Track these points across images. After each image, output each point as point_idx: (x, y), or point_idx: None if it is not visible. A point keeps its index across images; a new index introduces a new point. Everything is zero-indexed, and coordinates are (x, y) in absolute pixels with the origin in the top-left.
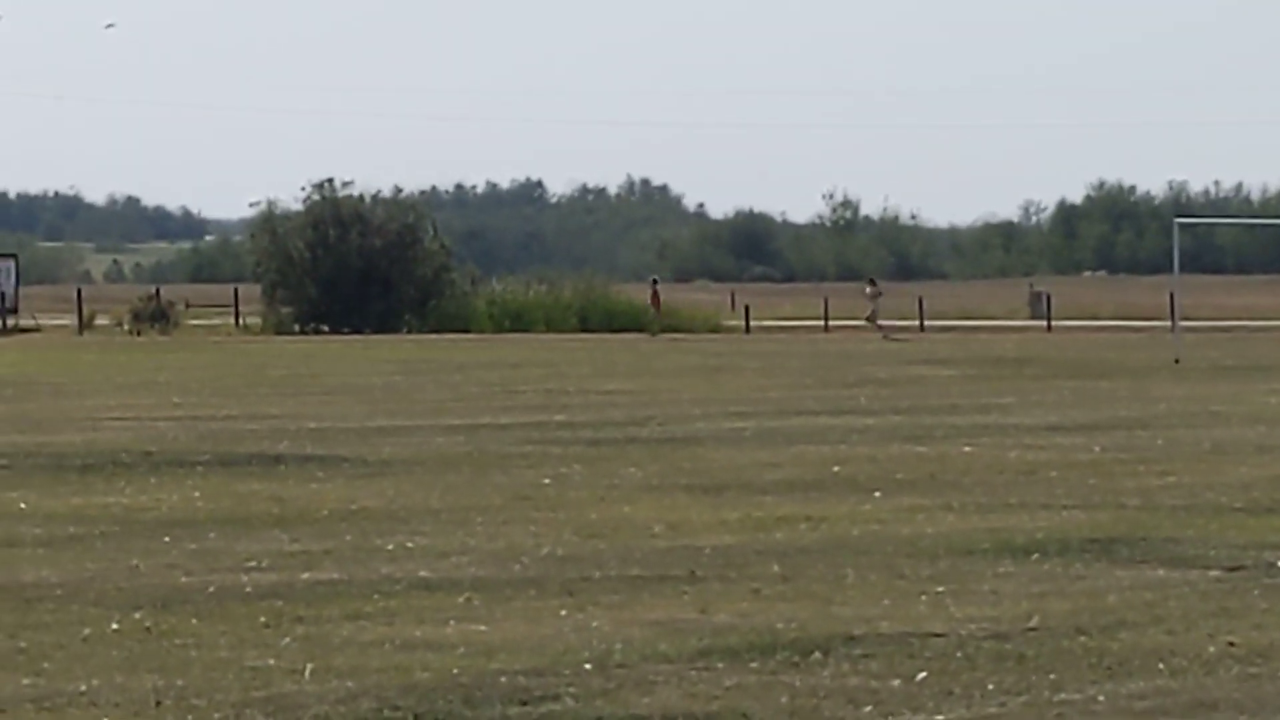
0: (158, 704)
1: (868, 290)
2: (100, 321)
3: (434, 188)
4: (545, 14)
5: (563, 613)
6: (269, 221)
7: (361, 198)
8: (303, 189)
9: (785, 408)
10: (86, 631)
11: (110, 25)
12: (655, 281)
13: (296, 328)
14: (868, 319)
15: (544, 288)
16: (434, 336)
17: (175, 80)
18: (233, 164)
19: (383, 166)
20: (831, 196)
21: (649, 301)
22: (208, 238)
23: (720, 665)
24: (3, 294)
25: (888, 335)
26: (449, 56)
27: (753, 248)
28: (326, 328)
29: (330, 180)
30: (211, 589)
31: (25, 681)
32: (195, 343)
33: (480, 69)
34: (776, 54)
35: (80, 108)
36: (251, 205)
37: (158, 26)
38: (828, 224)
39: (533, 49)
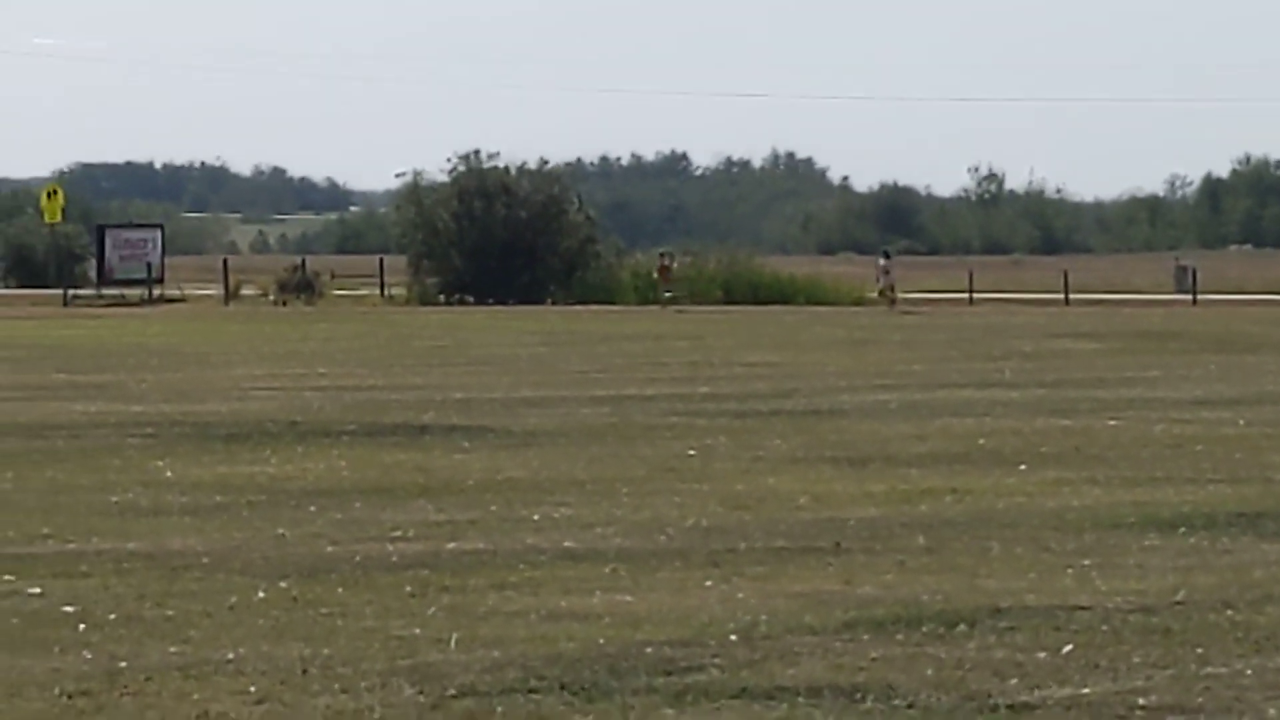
0: (304, 672)
1: (881, 263)
2: (246, 292)
3: (579, 160)
4: None
5: (708, 584)
6: (415, 193)
7: (507, 169)
8: (449, 160)
9: (930, 381)
10: (233, 600)
11: None
12: (663, 255)
13: (441, 298)
14: (881, 293)
15: (688, 260)
16: (578, 308)
17: (322, 51)
18: (379, 135)
19: (529, 138)
20: (977, 170)
21: (658, 274)
22: (353, 208)
23: (865, 637)
24: (149, 264)
25: (899, 308)
26: (595, 29)
27: (897, 221)
28: (471, 299)
29: (476, 152)
30: (357, 558)
31: (172, 649)
32: (340, 313)
33: (627, 40)
34: (923, 26)
35: (227, 79)
36: (397, 176)
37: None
38: (972, 198)
39: (680, 21)
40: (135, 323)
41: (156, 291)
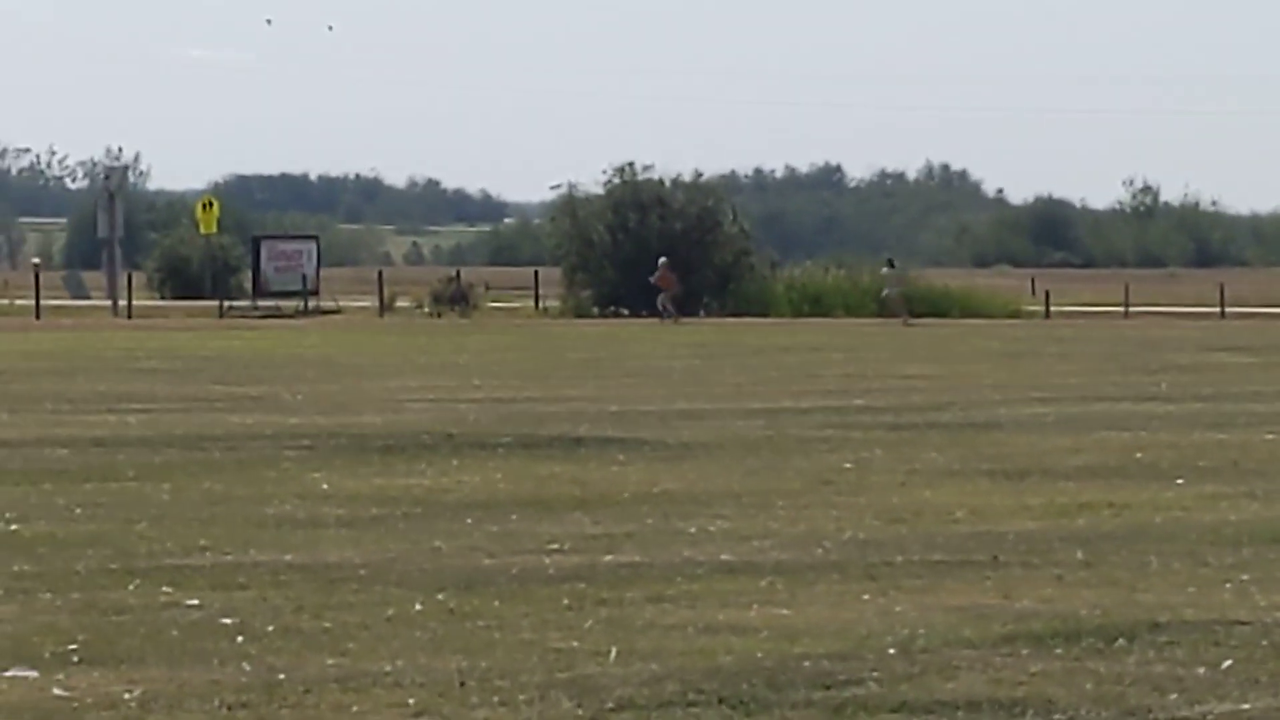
0: (461, 685)
1: (884, 271)
2: (400, 304)
3: (733, 172)
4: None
5: (865, 597)
6: (570, 205)
7: (662, 181)
8: (603, 172)
9: (1086, 393)
10: (390, 612)
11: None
12: (662, 261)
13: (595, 310)
14: (885, 298)
15: (842, 272)
16: (732, 320)
17: (476, 63)
18: (533, 147)
19: (683, 150)
20: (1131, 183)
21: (657, 282)
22: (507, 220)
23: (1024, 651)
24: (304, 276)
25: (906, 321)
26: (751, 41)
27: (1052, 233)
28: (625, 311)
29: (631, 164)
30: (514, 571)
31: (330, 661)
32: (495, 325)
33: (780, 53)
34: (1078, 39)
35: (381, 90)
36: (552, 189)
37: (457, 10)
38: (1127, 210)
39: (833, 33)
40: (291, 334)
41: (311, 303)
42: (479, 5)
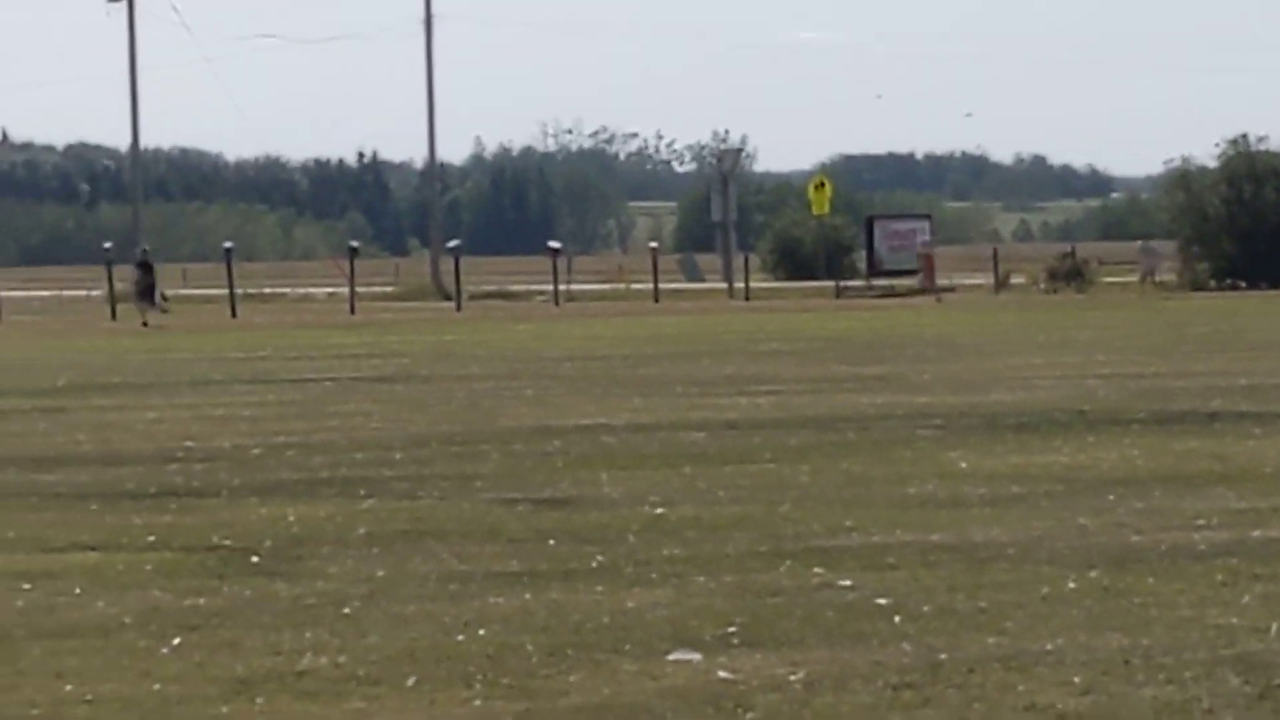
0: (1125, 663)
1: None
2: (1014, 280)
3: None
4: None
5: None
6: (1184, 179)
7: (1277, 153)
8: (1216, 145)
9: None
10: (1044, 590)
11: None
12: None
13: (1212, 284)
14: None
15: None
16: None
17: (1081, 40)
18: (1141, 121)
19: None
20: None
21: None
22: (1114, 195)
23: None
24: (917, 255)
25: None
26: None
27: None
28: (1244, 284)
29: (1244, 136)
30: (1163, 547)
31: (990, 640)
32: (1110, 300)
33: None
34: None
35: (984, 68)
36: (1166, 163)
37: None
38: None
39: None
40: (906, 313)
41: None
42: None
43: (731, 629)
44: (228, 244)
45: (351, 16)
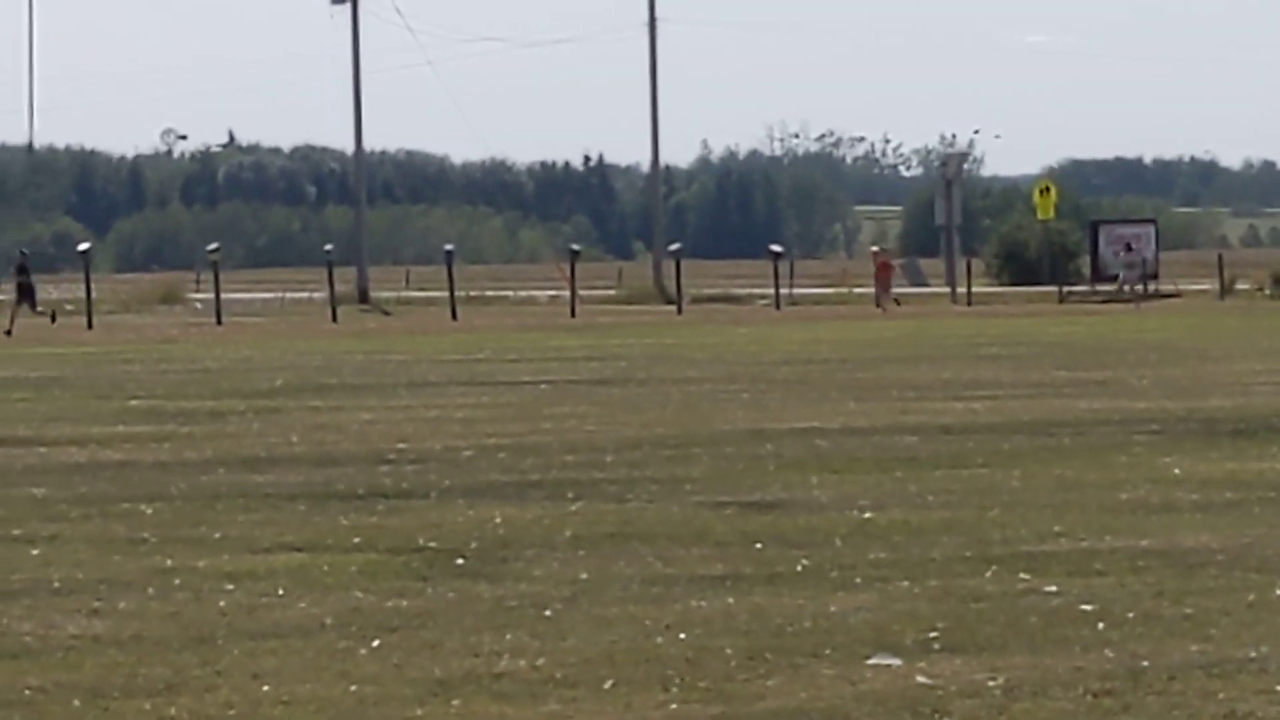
0: None
1: (873, 249)
2: (1239, 286)
3: None
4: None
5: None
6: None
7: None
8: None
9: None
10: (1251, 598)
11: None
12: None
13: None
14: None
15: None
16: None
17: None
18: None
19: None
20: None
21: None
22: None
23: None
24: (1144, 259)
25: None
26: None
27: None
28: None
29: None
30: None
31: (1194, 648)
32: None
33: None
34: None
35: (1214, 70)
36: None
37: None
38: None
39: None
40: (1130, 319)
41: (1151, 287)
42: None
43: (933, 634)
44: (448, 246)
45: (575, 19)
